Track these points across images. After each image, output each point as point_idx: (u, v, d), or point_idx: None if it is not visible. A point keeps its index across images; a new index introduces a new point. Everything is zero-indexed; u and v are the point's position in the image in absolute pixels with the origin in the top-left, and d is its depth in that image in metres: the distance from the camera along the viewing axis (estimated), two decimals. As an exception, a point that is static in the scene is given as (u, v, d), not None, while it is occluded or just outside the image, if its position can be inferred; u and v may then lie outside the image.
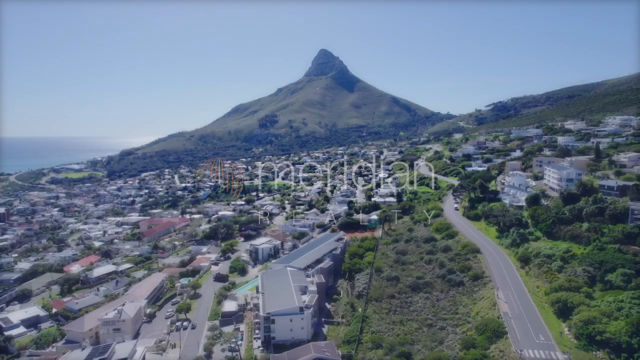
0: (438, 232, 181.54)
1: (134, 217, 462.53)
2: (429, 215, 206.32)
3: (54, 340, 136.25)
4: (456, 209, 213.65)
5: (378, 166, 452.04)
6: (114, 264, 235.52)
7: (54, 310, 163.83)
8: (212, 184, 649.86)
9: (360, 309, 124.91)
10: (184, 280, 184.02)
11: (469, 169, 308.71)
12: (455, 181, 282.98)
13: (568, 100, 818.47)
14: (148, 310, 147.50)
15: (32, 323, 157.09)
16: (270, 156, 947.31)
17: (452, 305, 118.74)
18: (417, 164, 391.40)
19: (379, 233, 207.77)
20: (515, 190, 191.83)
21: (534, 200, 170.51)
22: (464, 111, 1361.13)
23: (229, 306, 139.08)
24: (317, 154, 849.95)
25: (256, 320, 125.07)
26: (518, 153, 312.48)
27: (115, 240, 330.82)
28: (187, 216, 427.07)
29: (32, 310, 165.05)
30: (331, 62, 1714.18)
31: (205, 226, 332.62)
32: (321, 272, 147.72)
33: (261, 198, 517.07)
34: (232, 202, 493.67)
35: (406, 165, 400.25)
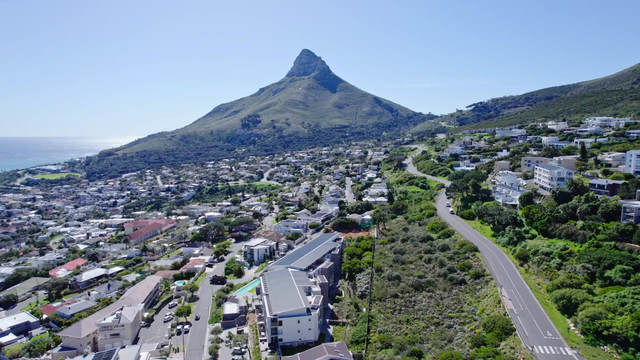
0: (434, 232, 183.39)
1: (117, 219, 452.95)
2: (423, 215, 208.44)
3: (47, 347, 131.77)
4: (449, 207, 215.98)
5: (366, 166, 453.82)
6: (103, 267, 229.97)
7: (44, 316, 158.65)
8: (196, 184, 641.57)
9: (364, 309, 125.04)
10: (179, 283, 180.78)
11: (458, 169, 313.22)
12: (444, 181, 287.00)
13: (547, 101, 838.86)
14: (145, 314, 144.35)
15: (21, 330, 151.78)
16: (254, 156, 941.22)
17: (457, 303, 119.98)
18: (404, 164, 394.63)
19: (373, 233, 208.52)
20: (508, 189, 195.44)
21: (527, 199, 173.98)
22: (445, 111, 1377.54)
23: (230, 308, 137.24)
24: (301, 154, 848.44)
25: (260, 322, 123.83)
26: (505, 153, 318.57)
27: (101, 243, 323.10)
28: (173, 217, 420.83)
29: (21, 316, 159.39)
30: (313, 62, 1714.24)
31: (192, 227, 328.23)
32: (322, 272, 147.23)
33: (247, 199, 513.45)
34: (218, 203, 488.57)
35: (393, 165, 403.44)
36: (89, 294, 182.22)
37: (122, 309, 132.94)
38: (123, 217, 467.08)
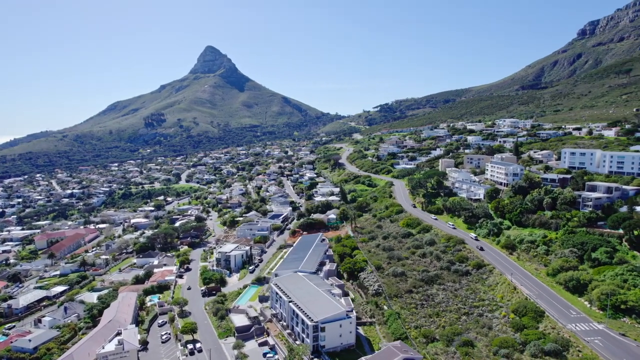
0: (410, 227, 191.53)
1: (16, 231, 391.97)
2: (391, 212, 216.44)
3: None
4: (413, 206, 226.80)
5: (300, 166, 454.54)
6: (38, 287, 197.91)
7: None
8: (106, 189, 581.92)
9: (386, 307, 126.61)
10: (154, 298, 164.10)
11: (398, 167, 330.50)
12: (391, 179, 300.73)
13: (452, 104, 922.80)
14: (139, 337, 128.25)
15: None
16: (163, 157, 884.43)
17: (472, 293, 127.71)
18: (341, 163, 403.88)
19: (344, 232, 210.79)
20: (469, 185, 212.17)
21: (494, 194, 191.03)
22: (352, 112, 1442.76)
23: (239, 320, 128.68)
24: (217, 155, 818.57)
25: (287, 331, 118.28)
26: (439, 151, 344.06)
27: (11, 260, 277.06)
28: (92, 226, 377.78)
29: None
30: (219, 60, 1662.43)
31: (129, 236, 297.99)
32: (329, 274, 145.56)
33: (170, 202, 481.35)
34: (140, 209, 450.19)
35: (330, 164, 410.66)
36: (39, 321, 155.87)
37: (119, 333, 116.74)
38: (24, 229, 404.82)
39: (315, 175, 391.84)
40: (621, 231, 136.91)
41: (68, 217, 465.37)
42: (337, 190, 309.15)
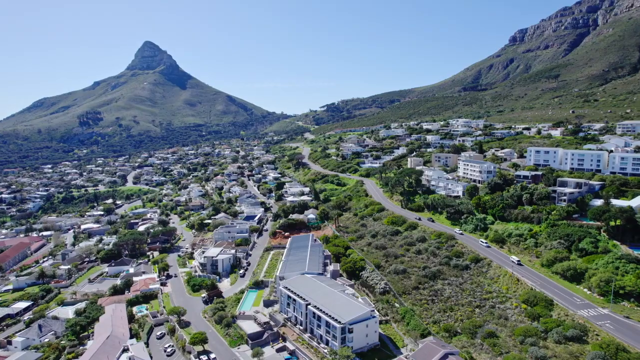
0: (395, 225, 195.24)
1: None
2: (373, 210, 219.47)
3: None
4: (391, 201, 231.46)
5: (261, 165, 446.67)
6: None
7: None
8: (43, 193, 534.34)
9: (397, 305, 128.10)
10: (141, 308, 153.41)
11: (364, 166, 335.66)
12: (358, 177, 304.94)
13: (399, 103, 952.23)
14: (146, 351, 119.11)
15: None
16: (103, 158, 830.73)
17: (477, 286, 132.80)
18: (305, 162, 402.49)
19: (327, 231, 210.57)
20: (446, 183, 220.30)
21: (473, 191, 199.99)
22: (298, 111, 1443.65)
23: (249, 327, 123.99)
24: (163, 155, 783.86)
25: (307, 334, 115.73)
26: (402, 150, 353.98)
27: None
28: (35, 234, 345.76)
29: None
30: (159, 56, 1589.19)
31: (86, 243, 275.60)
32: (334, 275, 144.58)
33: (120, 206, 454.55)
34: (87, 213, 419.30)
35: (293, 163, 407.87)
36: (8, 342, 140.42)
37: (126, 349, 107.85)
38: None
39: (279, 175, 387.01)
40: (599, 223, 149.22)
41: (1, 225, 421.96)
42: (307, 189, 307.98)
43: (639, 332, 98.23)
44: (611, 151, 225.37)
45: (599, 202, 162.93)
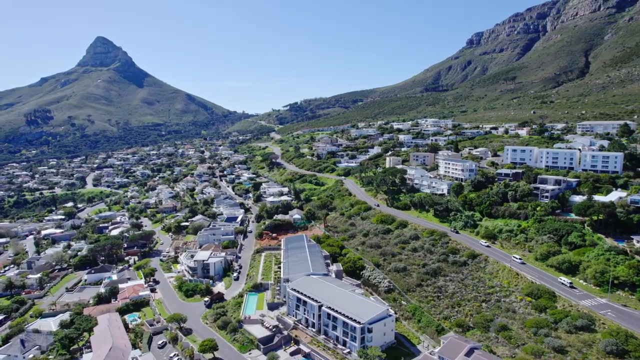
0: (385, 224, 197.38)
1: None
2: (360, 210, 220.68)
3: None
4: (377, 205, 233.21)
5: (232, 166, 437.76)
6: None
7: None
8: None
9: (404, 302, 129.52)
10: (133, 316, 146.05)
11: (341, 165, 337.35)
12: (336, 177, 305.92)
13: (364, 103, 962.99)
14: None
15: None
16: (56, 159, 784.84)
17: (478, 281, 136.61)
18: (279, 162, 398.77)
19: (315, 231, 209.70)
20: (430, 181, 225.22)
21: (459, 189, 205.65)
22: (260, 111, 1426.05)
23: (257, 331, 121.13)
24: (123, 156, 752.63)
25: (322, 336, 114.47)
26: (377, 150, 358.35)
27: None
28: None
29: None
30: (113, 53, 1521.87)
31: (52, 250, 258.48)
32: (338, 275, 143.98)
33: (82, 209, 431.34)
34: (46, 218, 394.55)
35: (267, 163, 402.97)
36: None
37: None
38: None
39: (254, 175, 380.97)
40: (582, 217, 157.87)
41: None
42: (286, 190, 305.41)
43: (639, 319, 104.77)
44: (580, 150, 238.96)
45: (577, 198, 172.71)
